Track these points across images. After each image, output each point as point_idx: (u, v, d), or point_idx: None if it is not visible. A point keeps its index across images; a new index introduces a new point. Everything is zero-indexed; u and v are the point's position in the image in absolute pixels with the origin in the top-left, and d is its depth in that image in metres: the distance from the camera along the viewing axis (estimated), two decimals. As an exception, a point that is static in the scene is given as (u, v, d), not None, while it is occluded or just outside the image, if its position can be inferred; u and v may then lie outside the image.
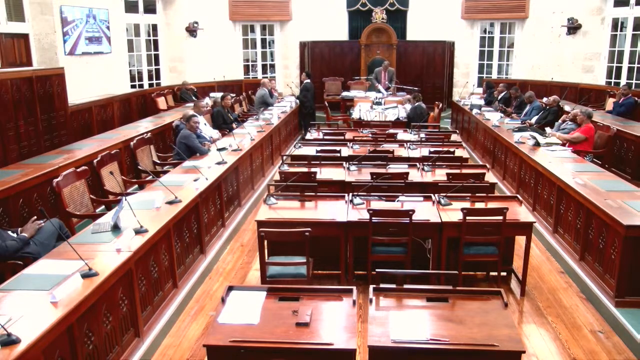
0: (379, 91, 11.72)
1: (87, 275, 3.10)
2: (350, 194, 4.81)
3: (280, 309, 2.88)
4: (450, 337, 2.60)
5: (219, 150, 6.35)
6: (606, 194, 4.75)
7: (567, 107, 9.43)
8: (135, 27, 12.16)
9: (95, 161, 5.76)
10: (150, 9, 12.39)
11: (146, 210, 4.25)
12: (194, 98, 11.20)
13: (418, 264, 4.58)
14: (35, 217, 4.19)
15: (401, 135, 7.96)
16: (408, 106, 9.95)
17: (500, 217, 4.24)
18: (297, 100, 11.62)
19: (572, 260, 4.97)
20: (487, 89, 12.04)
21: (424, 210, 4.49)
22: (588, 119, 7.28)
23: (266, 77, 12.95)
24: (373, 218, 4.22)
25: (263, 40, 14.21)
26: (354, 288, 3.01)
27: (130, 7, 11.76)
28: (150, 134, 7.35)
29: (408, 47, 13.35)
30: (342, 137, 7.70)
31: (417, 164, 5.93)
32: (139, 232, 3.79)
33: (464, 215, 4.22)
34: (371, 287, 3.03)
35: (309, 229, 3.90)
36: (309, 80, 11.62)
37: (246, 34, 14.05)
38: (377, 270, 3.29)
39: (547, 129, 7.98)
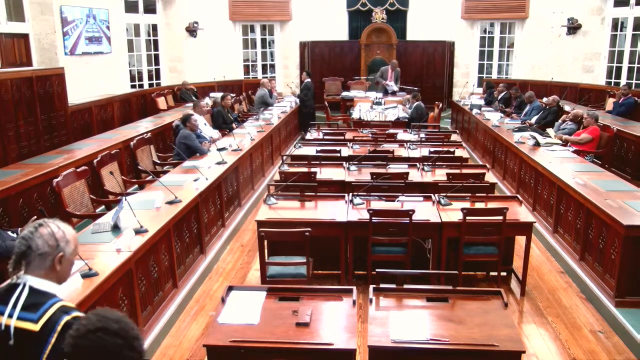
0: (383, 89, 11.67)
1: (87, 275, 3.10)
2: (350, 194, 4.81)
3: (280, 309, 2.88)
4: (450, 337, 2.60)
5: (219, 150, 6.35)
6: (606, 194, 4.75)
7: (567, 107, 9.44)
8: (135, 27, 12.15)
9: (95, 161, 5.76)
10: (150, 9, 12.39)
11: (146, 210, 4.25)
12: (194, 98, 11.19)
13: (418, 264, 4.58)
14: (36, 217, 4.19)
15: (401, 135, 7.96)
16: (400, 108, 9.97)
17: (500, 217, 4.24)
18: (298, 100, 11.62)
19: (572, 260, 4.97)
20: (487, 89, 12.04)
21: (424, 210, 4.49)
22: (595, 122, 7.30)
23: (266, 77, 12.95)
24: (373, 218, 4.22)
25: (263, 40, 14.21)
26: (354, 288, 3.01)
27: (130, 7, 11.75)
28: (150, 134, 7.35)
29: (408, 47, 13.35)
30: (342, 137, 7.70)
31: (417, 164, 5.93)
32: (139, 232, 3.79)
33: (464, 215, 4.22)
34: (371, 287, 3.03)
35: (309, 229, 3.90)
36: (309, 80, 11.63)
37: (246, 34, 14.04)
38: (377, 270, 3.29)
39: (549, 130, 7.99)
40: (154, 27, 12.61)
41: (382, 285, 3.13)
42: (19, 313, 1.72)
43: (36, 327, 1.70)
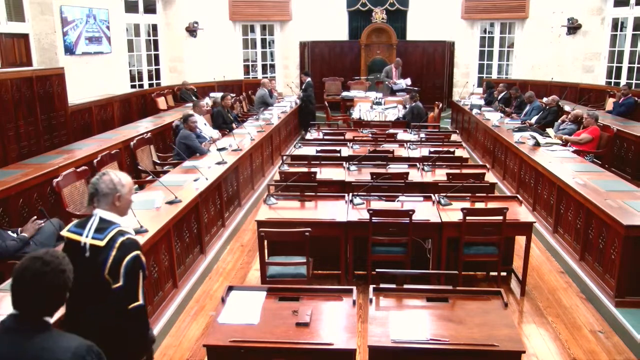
0: (389, 87, 11.61)
1: (87, 275, 3.09)
2: (350, 194, 4.81)
3: (280, 309, 2.88)
4: (450, 337, 2.60)
5: (219, 150, 6.35)
6: (606, 194, 4.75)
7: (567, 107, 9.44)
8: (135, 27, 12.16)
9: (95, 161, 5.75)
10: (150, 9, 12.39)
11: (146, 210, 4.25)
12: (194, 98, 11.20)
13: (418, 264, 4.58)
14: (36, 217, 4.19)
15: (401, 135, 7.96)
16: (400, 108, 9.99)
17: (500, 217, 4.24)
18: (298, 100, 11.62)
19: (572, 260, 4.97)
20: (487, 89, 12.04)
21: (424, 210, 4.49)
22: (595, 122, 7.31)
23: (266, 77, 12.95)
24: (373, 218, 4.22)
25: (263, 40, 14.21)
26: (354, 288, 3.01)
27: (130, 7, 11.76)
28: (150, 134, 7.35)
29: (408, 47, 13.35)
30: (342, 137, 7.70)
31: (417, 164, 5.93)
32: (139, 232, 3.78)
33: (464, 215, 4.22)
34: (371, 287, 3.03)
35: (309, 229, 3.90)
36: (310, 79, 11.65)
37: (246, 34, 14.05)
38: (377, 270, 3.29)
39: (549, 130, 7.99)
40: (154, 27, 12.61)
41: (382, 285, 3.13)
42: (92, 235, 2.46)
43: (102, 244, 2.44)
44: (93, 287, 2.37)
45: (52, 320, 1.87)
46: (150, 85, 12.55)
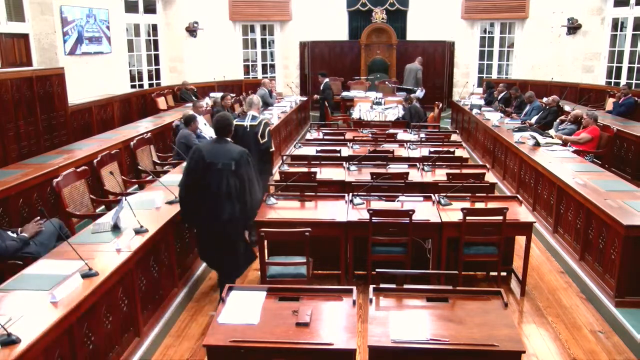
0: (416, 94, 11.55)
1: (87, 275, 3.10)
2: (350, 194, 4.81)
3: (280, 309, 2.88)
4: (450, 337, 2.60)
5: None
6: (606, 194, 4.75)
7: (567, 107, 9.44)
8: (135, 27, 12.16)
9: (95, 161, 5.75)
10: (150, 9, 12.39)
11: (146, 210, 4.25)
12: (194, 98, 11.18)
13: (418, 264, 4.58)
14: (38, 217, 4.19)
15: (401, 135, 7.96)
16: (400, 108, 9.99)
17: (500, 217, 4.24)
18: (318, 100, 11.66)
19: (572, 260, 4.97)
20: (487, 89, 12.04)
21: (424, 210, 4.49)
22: (594, 122, 7.31)
23: (266, 77, 12.95)
24: (373, 218, 4.22)
25: (263, 40, 14.21)
26: (354, 288, 3.00)
27: (130, 7, 11.76)
28: (150, 134, 7.35)
29: (408, 47, 13.35)
30: (342, 137, 7.70)
31: (417, 164, 5.92)
32: (139, 232, 3.79)
33: (464, 215, 4.22)
34: (371, 287, 3.02)
35: (309, 229, 3.90)
36: (328, 80, 11.58)
37: (246, 34, 14.05)
38: (377, 270, 3.29)
39: (551, 131, 8.00)
40: (154, 27, 12.61)
41: (382, 285, 3.13)
42: (249, 122, 5.39)
43: (256, 124, 5.38)
44: (255, 143, 5.24)
45: (229, 139, 4.13)
46: (150, 85, 12.55)
